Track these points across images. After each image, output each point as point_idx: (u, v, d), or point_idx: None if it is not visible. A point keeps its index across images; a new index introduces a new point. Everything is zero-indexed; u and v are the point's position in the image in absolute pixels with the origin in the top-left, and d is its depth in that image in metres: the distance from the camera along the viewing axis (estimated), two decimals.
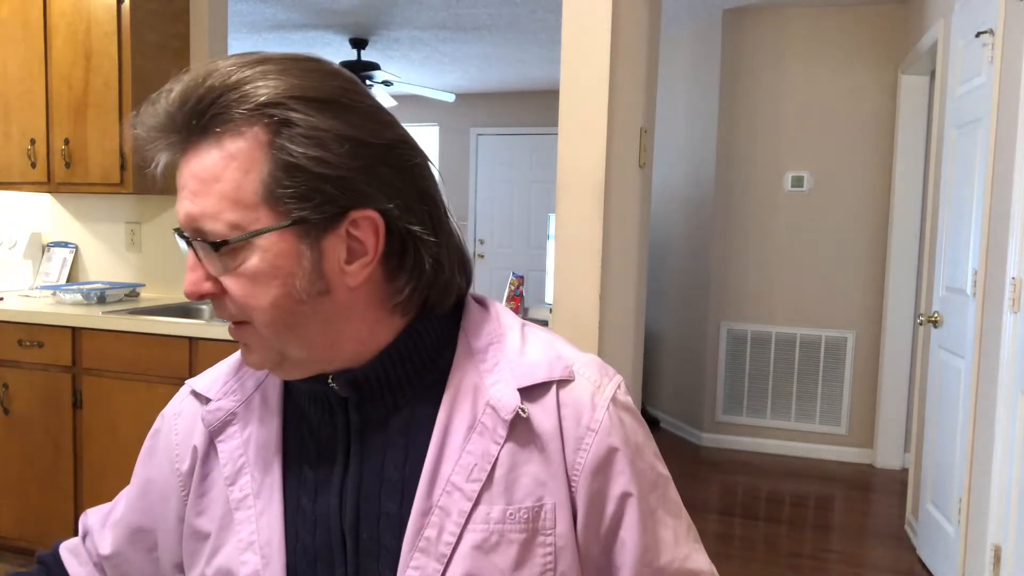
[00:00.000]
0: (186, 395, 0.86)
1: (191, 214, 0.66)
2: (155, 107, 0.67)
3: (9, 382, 2.82)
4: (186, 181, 0.67)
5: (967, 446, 2.56)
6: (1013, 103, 2.33)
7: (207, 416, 0.79)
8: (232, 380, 0.82)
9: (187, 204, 0.66)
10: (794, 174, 4.41)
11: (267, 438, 0.78)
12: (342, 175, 0.65)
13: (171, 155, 0.68)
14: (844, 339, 4.39)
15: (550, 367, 0.74)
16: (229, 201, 0.65)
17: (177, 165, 0.68)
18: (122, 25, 2.85)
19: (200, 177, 0.66)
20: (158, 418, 0.88)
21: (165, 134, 0.67)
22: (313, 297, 0.68)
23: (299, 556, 0.75)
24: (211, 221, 0.65)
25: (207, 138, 0.65)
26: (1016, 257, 2.28)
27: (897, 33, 4.19)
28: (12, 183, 3.07)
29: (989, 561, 2.36)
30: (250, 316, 0.68)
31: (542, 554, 0.72)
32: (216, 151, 0.65)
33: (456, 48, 5.56)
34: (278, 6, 4.65)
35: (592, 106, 2.23)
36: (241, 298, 0.67)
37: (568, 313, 2.29)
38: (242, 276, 0.66)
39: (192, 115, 0.65)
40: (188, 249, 0.68)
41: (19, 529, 2.86)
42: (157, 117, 0.67)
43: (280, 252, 0.66)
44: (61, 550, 0.91)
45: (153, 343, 2.63)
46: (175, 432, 0.84)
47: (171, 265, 3.25)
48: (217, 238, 0.65)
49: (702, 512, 3.62)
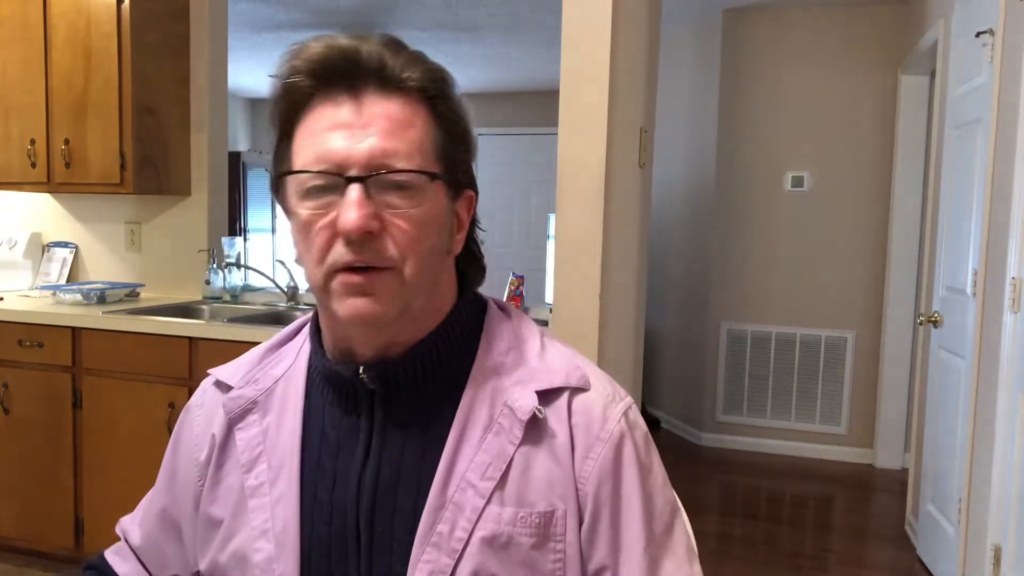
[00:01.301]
0: (208, 385, 0.88)
1: (385, 149, 0.69)
2: (334, 46, 0.71)
3: (9, 382, 2.82)
4: (372, 119, 0.70)
5: (967, 446, 2.56)
6: (1013, 103, 2.32)
7: (228, 403, 0.82)
8: (255, 370, 0.84)
9: (377, 140, 0.69)
10: (794, 174, 4.41)
11: (286, 428, 0.80)
12: (472, 153, 0.77)
13: (337, 90, 0.71)
14: (844, 339, 4.39)
15: (567, 374, 0.77)
16: (417, 146, 0.71)
17: (332, 101, 0.71)
18: (122, 25, 2.85)
19: (395, 119, 0.71)
20: (183, 411, 0.90)
21: (346, 72, 0.70)
22: (443, 255, 0.76)
23: (313, 545, 0.76)
24: (404, 160, 0.70)
25: (400, 89, 0.72)
26: (1016, 257, 2.28)
27: (897, 33, 4.19)
28: (12, 183, 3.07)
29: (989, 561, 2.36)
30: (405, 259, 0.71)
31: (552, 560, 0.73)
32: (406, 103, 0.72)
33: (456, 48, 5.55)
34: (278, 6, 4.65)
35: (592, 106, 2.23)
36: (407, 239, 0.70)
37: (568, 313, 2.29)
38: (413, 218, 0.71)
39: (389, 66, 0.71)
40: (354, 186, 0.69)
41: (19, 529, 2.86)
42: (338, 55, 0.70)
43: (442, 205, 0.74)
44: (106, 554, 0.94)
45: (153, 343, 2.63)
46: (196, 423, 0.87)
47: (171, 265, 3.25)
48: (404, 176, 0.70)
49: (702, 512, 3.62)
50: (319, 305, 0.78)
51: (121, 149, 2.89)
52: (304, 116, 0.72)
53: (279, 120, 0.74)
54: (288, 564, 0.76)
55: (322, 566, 0.76)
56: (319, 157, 0.70)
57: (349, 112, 0.70)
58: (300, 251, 0.74)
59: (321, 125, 0.71)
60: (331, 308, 0.72)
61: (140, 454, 2.63)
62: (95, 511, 2.75)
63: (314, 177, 0.70)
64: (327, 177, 0.70)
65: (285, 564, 0.76)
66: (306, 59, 0.71)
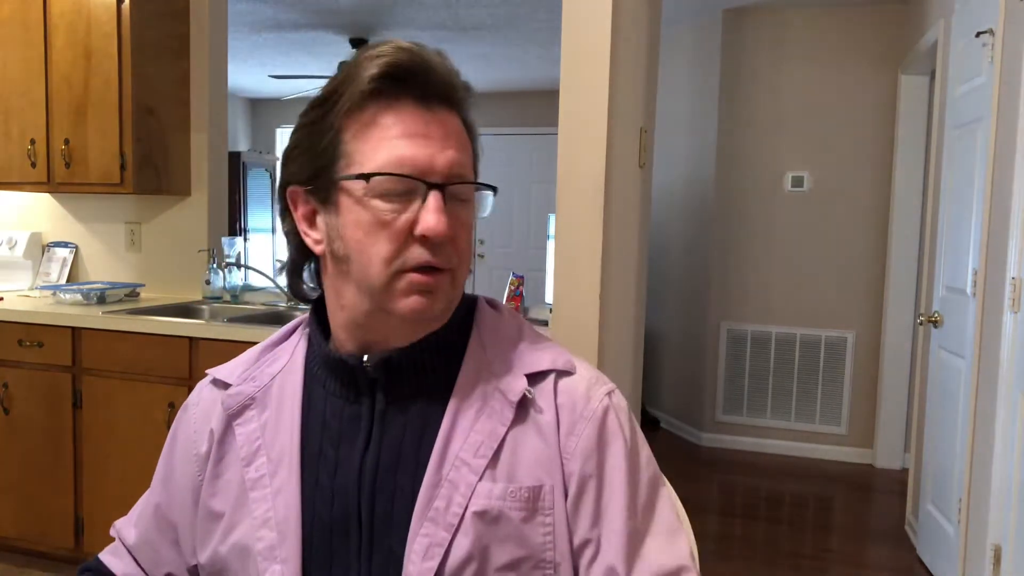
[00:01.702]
0: (205, 384, 0.90)
1: (460, 161, 0.77)
2: (425, 56, 0.76)
3: (9, 382, 2.82)
4: (448, 133, 0.76)
5: (967, 446, 2.56)
6: (1013, 103, 2.32)
7: (227, 400, 0.85)
8: (252, 368, 0.87)
9: (455, 153, 0.76)
10: (794, 174, 4.41)
11: (285, 421, 0.83)
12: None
13: (407, 97, 0.75)
14: (844, 339, 4.39)
15: (554, 359, 0.82)
16: (469, 159, 0.79)
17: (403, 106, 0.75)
18: (122, 25, 2.85)
19: (458, 135, 0.78)
20: (180, 410, 0.92)
21: (418, 82, 0.75)
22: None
23: (315, 529, 0.79)
24: (468, 173, 0.78)
25: (455, 107, 0.79)
26: (1016, 257, 2.28)
27: (897, 33, 4.19)
28: (12, 183, 3.07)
29: (989, 561, 2.36)
30: (461, 263, 0.78)
31: (542, 532, 0.76)
32: (461, 121, 0.79)
33: (456, 48, 5.55)
34: (278, 6, 4.65)
35: (592, 106, 2.22)
36: (464, 246, 0.79)
37: (568, 313, 2.29)
38: (468, 227, 0.79)
39: (458, 86, 0.79)
40: (437, 192, 0.74)
41: (19, 529, 2.86)
42: (434, 70, 0.76)
43: (476, 215, 0.81)
44: (101, 556, 0.95)
45: (153, 343, 2.63)
46: (193, 420, 0.89)
47: (171, 265, 3.25)
48: (471, 188, 0.78)
49: (702, 512, 3.62)
50: (371, 299, 0.78)
51: (121, 149, 2.88)
52: (365, 117, 0.75)
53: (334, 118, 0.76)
54: (290, 550, 0.78)
55: (323, 549, 0.79)
56: (401, 161, 0.73)
57: (425, 123, 0.75)
58: (358, 247, 0.75)
59: (397, 131, 0.74)
60: (389, 304, 0.76)
61: (140, 454, 2.63)
62: (95, 511, 2.75)
63: (395, 180, 0.73)
64: (409, 181, 0.73)
65: (287, 550, 0.78)
66: (382, 62, 0.74)
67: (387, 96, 0.74)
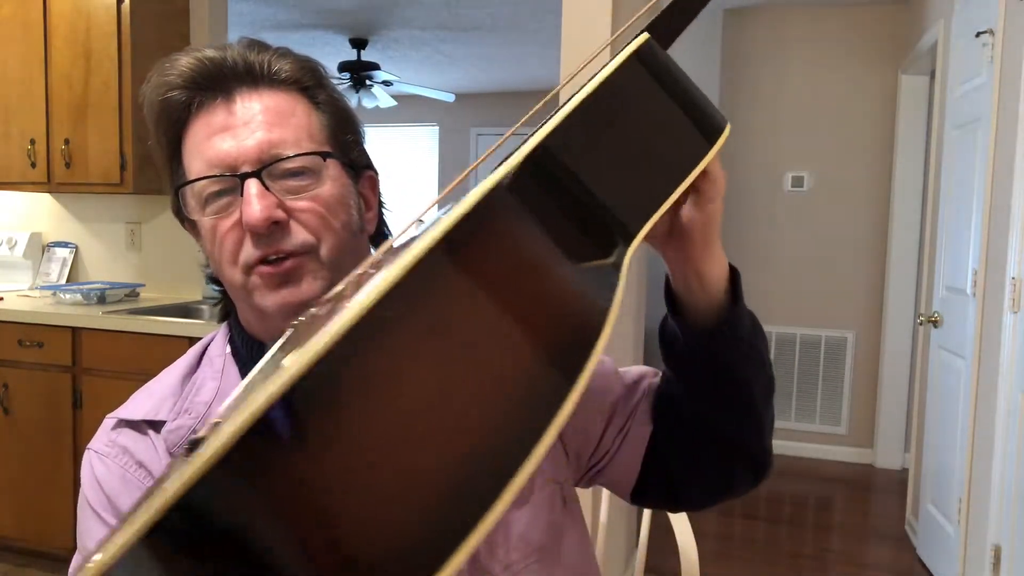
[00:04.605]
0: (120, 429, 0.78)
1: (271, 140, 0.70)
2: (200, 57, 0.71)
3: (9, 382, 2.82)
4: (252, 116, 0.71)
5: (967, 446, 2.56)
6: (1013, 103, 2.32)
7: (169, 437, 0.76)
8: (179, 400, 0.79)
9: (263, 133, 0.70)
10: (794, 174, 4.41)
11: None
12: (361, 136, 0.79)
13: (212, 99, 0.71)
14: (844, 339, 4.39)
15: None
16: (304, 132, 0.72)
17: (208, 109, 0.71)
18: (122, 25, 2.85)
19: (275, 111, 0.72)
20: (85, 464, 0.80)
21: (216, 79, 0.71)
22: (358, 234, 0.76)
23: None
24: (293, 147, 0.71)
25: (272, 84, 0.73)
26: (1016, 257, 2.28)
27: (897, 33, 4.19)
28: (12, 183, 3.07)
29: (989, 561, 2.36)
30: (320, 239, 0.71)
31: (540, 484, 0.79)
32: (283, 95, 0.73)
33: (456, 48, 5.55)
34: (278, 6, 4.65)
35: None
36: (317, 218, 0.71)
37: None
38: (318, 198, 0.71)
39: (256, 65, 0.72)
40: (251, 181, 0.69)
41: (19, 529, 2.86)
42: (207, 65, 0.71)
43: (344, 184, 0.74)
44: None
45: (153, 343, 2.63)
46: (131, 465, 0.77)
47: (171, 265, 3.25)
48: (298, 161, 0.71)
49: (702, 512, 3.62)
50: (245, 305, 0.76)
51: (121, 149, 2.88)
52: (186, 131, 0.73)
53: (164, 140, 0.74)
54: None
55: None
56: (209, 163, 0.70)
57: (227, 115, 0.71)
58: (213, 260, 0.73)
59: (204, 134, 0.71)
60: (257, 305, 0.72)
61: None
62: None
63: (209, 183, 0.70)
64: (222, 180, 0.70)
65: None
66: (178, 73, 0.71)
67: (198, 107, 0.72)
